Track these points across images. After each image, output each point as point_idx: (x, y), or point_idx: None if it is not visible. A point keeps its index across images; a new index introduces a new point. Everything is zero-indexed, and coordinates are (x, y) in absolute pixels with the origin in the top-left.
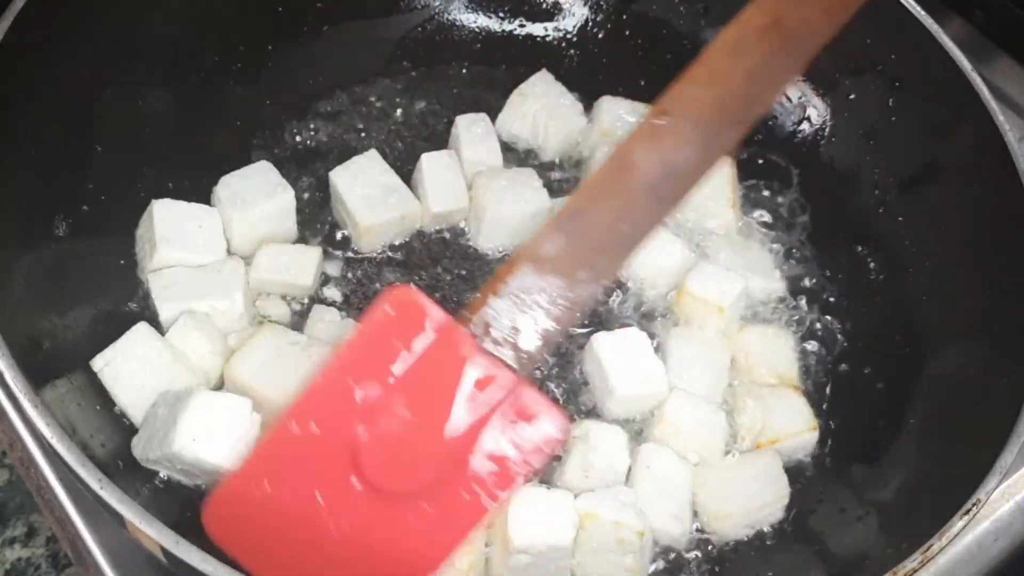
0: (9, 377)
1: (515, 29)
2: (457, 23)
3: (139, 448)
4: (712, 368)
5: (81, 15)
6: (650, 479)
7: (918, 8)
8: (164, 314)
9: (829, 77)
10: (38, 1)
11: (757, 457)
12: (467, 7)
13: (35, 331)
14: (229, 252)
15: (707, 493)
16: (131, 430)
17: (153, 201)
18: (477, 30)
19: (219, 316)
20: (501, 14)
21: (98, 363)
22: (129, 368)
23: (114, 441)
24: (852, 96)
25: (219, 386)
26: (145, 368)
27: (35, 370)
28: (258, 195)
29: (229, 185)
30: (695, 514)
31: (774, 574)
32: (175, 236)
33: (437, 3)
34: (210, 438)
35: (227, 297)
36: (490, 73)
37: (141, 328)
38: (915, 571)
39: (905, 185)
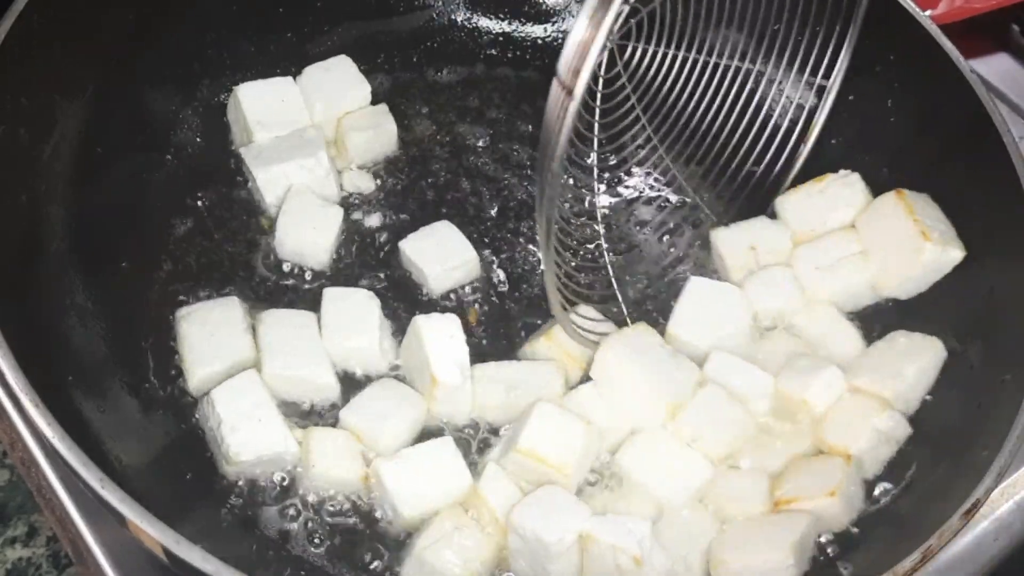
0: (10, 377)
1: (515, 30)
2: (457, 24)
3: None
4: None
5: None
6: (673, 527)
7: (917, 8)
8: (260, 178)
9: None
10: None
11: (786, 519)
12: (467, 8)
13: (38, 329)
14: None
15: (721, 542)
16: (132, 429)
17: (236, 88)
18: (477, 31)
19: (308, 176)
20: (501, 15)
21: (182, 311)
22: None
23: (116, 441)
24: (852, 96)
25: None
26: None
27: (36, 369)
28: (337, 89)
29: (312, 76)
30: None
31: None
32: (264, 116)
33: (437, 4)
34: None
35: (312, 156)
36: (490, 73)
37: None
38: (915, 571)
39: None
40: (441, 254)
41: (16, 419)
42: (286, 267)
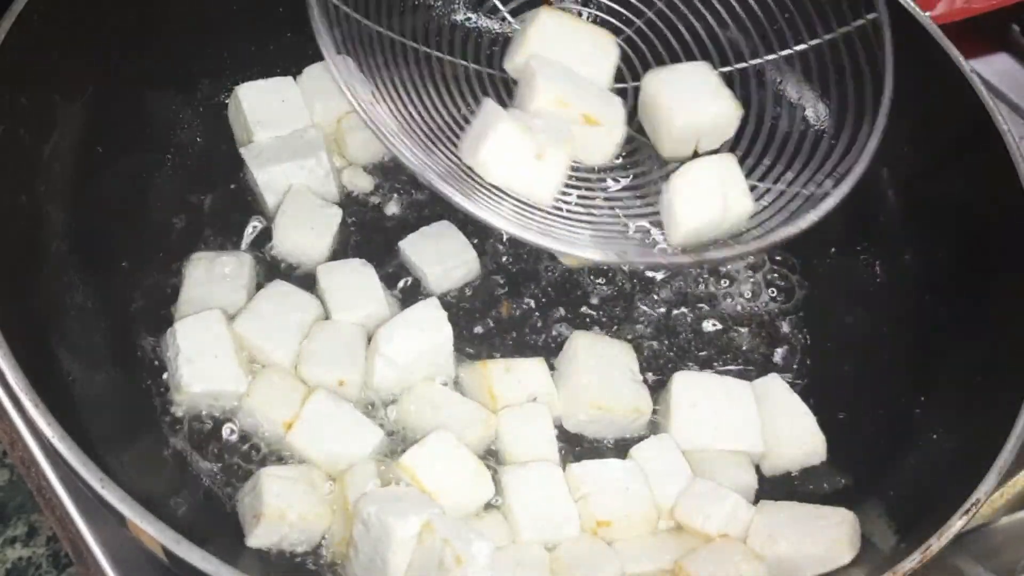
0: (10, 377)
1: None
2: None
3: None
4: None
5: None
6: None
7: (916, 8)
8: (260, 178)
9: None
10: None
11: None
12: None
13: (38, 329)
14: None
15: None
16: (133, 428)
17: (236, 88)
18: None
19: (308, 176)
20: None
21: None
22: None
23: (115, 439)
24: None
25: None
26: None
27: (36, 369)
28: (337, 89)
29: (312, 76)
30: None
31: None
32: (264, 116)
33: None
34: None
35: (312, 156)
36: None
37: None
38: (915, 571)
39: (905, 186)
40: (441, 254)
41: (16, 419)
42: (285, 266)
